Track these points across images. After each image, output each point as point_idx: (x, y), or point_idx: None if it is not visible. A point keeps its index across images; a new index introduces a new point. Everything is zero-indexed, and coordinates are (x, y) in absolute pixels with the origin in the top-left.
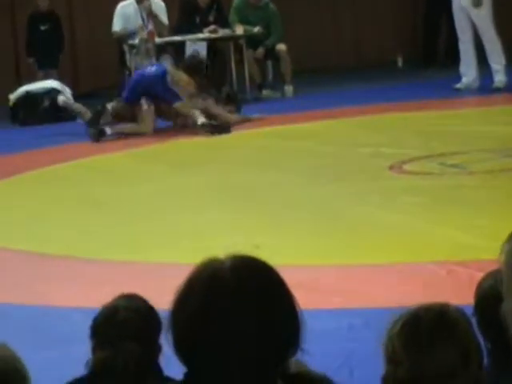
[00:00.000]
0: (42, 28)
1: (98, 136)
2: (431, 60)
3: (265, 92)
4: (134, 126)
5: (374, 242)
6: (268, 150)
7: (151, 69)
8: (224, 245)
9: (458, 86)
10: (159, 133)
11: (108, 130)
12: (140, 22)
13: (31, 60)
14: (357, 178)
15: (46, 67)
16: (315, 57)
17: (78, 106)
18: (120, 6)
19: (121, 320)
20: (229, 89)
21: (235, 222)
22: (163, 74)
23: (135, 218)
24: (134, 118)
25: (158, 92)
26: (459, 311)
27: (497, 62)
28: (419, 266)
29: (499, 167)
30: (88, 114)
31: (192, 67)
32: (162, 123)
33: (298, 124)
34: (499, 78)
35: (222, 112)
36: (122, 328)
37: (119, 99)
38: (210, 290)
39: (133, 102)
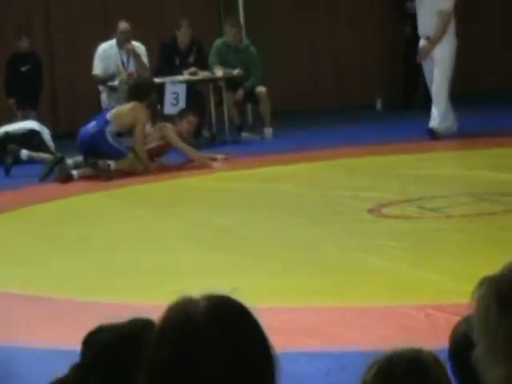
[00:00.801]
0: (23, 69)
1: (66, 179)
2: (411, 102)
3: (244, 134)
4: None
5: (352, 284)
6: (246, 192)
7: (92, 124)
8: (202, 286)
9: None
10: (138, 174)
11: (75, 174)
12: (120, 63)
13: (11, 101)
14: (336, 221)
15: (26, 108)
16: (295, 99)
17: (44, 157)
18: (101, 48)
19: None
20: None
21: (213, 263)
22: (102, 129)
23: (112, 258)
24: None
25: (101, 149)
26: (433, 356)
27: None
28: (397, 309)
29: (476, 211)
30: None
31: (140, 93)
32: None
33: (276, 166)
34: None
35: (183, 144)
36: None
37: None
38: (182, 336)
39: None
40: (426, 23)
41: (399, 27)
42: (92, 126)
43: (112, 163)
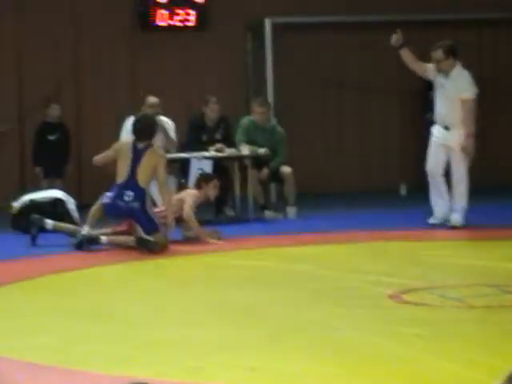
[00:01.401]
0: (51, 138)
1: (90, 244)
2: None
3: (267, 213)
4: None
5: (366, 370)
6: (267, 271)
7: (128, 195)
8: (218, 364)
9: (432, 221)
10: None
11: (104, 240)
12: None
13: (38, 169)
14: (355, 304)
15: (52, 176)
16: (319, 180)
17: (69, 227)
18: (129, 120)
19: None
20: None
21: (231, 341)
22: (143, 200)
23: (128, 331)
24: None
25: (137, 221)
26: None
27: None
28: None
29: (499, 303)
30: (77, 233)
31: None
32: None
33: (299, 246)
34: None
35: (193, 219)
36: None
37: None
38: None
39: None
40: (446, 112)
41: (423, 114)
42: (130, 198)
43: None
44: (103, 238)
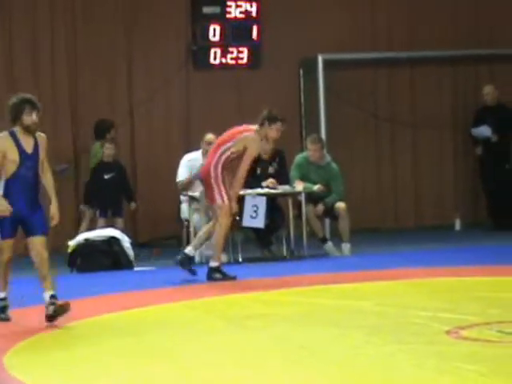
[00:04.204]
0: (106, 177)
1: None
2: (499, 224)
3: (328, 245)
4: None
5: None
6: (324, 308)
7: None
8: None
9: None
10: (214, 285)
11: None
12: None
13: (85, 207)
14: (413, 341)
15: (111, 215)
16: (374, 216)
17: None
18: (186, 157)
19: None
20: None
21: (287, 380)
22: None
23: (189, 372)
24: None
25: None
26: None
27: None
28: None
29: None
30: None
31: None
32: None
33: (355, 283)
34: None
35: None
36: None
37: None
38: None
39: None
40: None
41: (472, 149)
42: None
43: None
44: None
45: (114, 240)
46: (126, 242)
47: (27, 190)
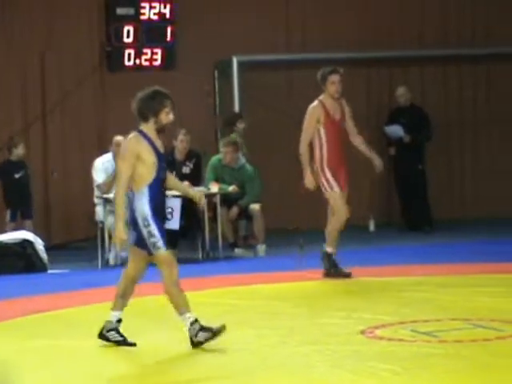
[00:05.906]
0: (16, 176)
1: None
2: (412, 224)
3: (237, 251)
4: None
5: None
6: (239, 309)
7: None
8: None
9: None
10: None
11: None
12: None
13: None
14: (328, 341)
15: (20, 218)
16: (289, 216)
17: None
18: (100, 161)
19: None
20: None
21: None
22: None
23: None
24: None
25: None
26: None
27: None
28: None
29: (470, 337)
30: None
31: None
32: None
33: (270, 284)
34: None
35: None
36: None
37: None
38: None
39: None
40: None
41: (386, 150)
42: None
43: None
44: None
45: (27, 243)
46: (39, 244)
47: None
